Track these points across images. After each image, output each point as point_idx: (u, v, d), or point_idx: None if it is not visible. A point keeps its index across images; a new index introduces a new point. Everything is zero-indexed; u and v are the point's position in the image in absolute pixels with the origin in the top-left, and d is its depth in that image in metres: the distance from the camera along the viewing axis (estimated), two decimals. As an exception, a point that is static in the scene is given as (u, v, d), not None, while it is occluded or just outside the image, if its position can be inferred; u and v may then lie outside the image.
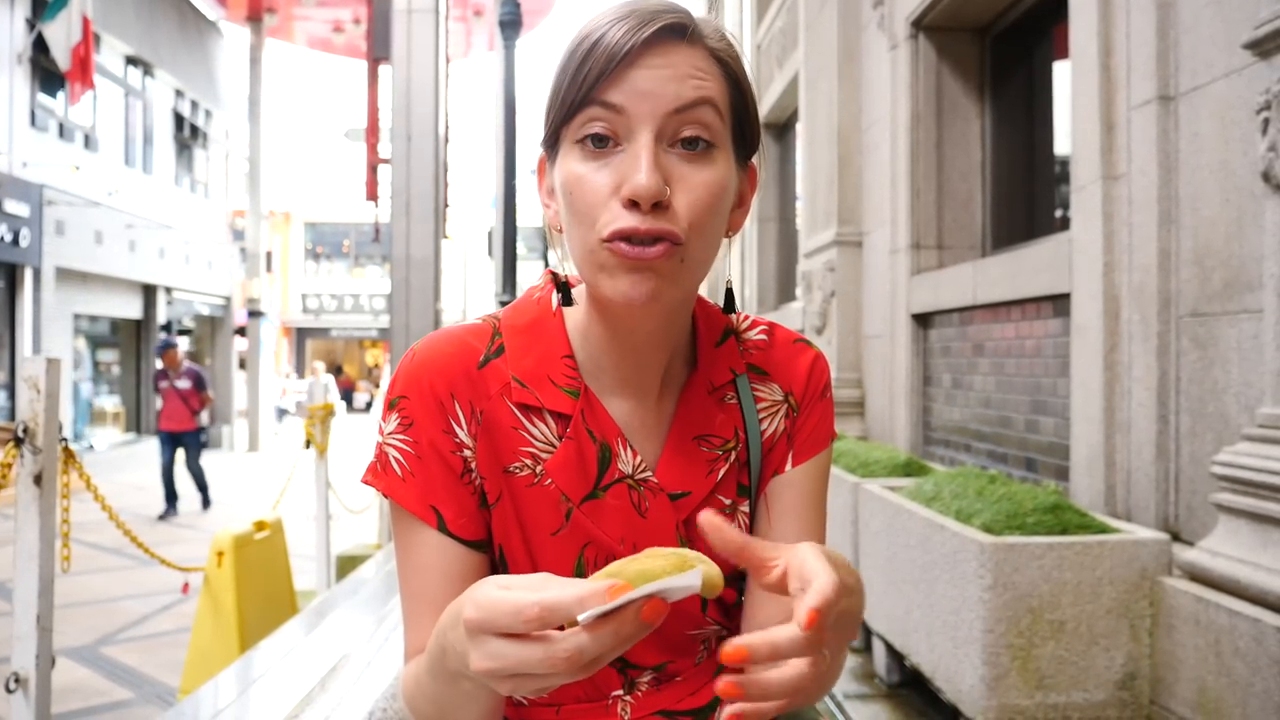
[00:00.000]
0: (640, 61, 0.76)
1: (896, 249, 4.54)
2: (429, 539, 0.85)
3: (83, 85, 11.24)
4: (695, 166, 0.78)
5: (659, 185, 0.75)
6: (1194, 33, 2.42)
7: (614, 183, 0.77)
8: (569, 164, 0.79)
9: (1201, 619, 2.12)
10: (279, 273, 29.62)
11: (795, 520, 0.94)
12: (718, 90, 0.80)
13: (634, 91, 0.76)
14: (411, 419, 0.86)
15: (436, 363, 0.87)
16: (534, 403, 0.87)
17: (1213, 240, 2.34)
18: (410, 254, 7.15)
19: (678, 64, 0.77)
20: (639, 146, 0.76)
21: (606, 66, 0.76)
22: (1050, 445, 3.24)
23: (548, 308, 0.92)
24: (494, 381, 0.87)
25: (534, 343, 0.89)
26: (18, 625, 2.24)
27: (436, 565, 0.85)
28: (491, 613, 0.58)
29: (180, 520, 8.97)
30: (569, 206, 0.80)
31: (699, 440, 0.91)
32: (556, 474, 0.87)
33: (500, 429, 0.87)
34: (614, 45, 0.76)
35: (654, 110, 0.76)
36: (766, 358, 0.97)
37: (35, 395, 2.22)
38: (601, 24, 0.78)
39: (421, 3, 7.22)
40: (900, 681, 3.17)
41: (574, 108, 0.78)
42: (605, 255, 0.77)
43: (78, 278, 13.57)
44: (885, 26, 4.70)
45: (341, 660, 3.44)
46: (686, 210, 0.77)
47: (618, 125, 0.77)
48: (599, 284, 0.80)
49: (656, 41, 0.77)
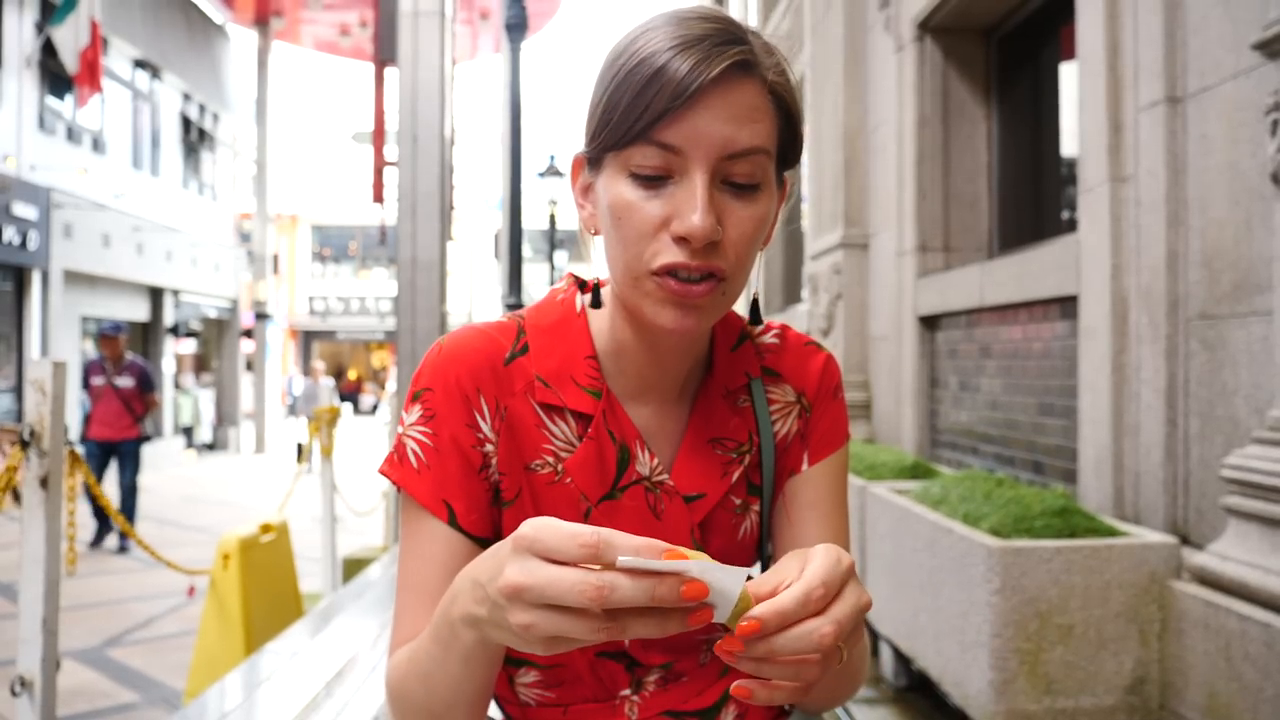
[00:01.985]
0: (702, 100, 0.75)
1: (903, 251, 4.53)
2: (436, 532, 0.85)
3: (91, 88, 11.28)
4: (743, 203, 0.78)
5: (713, 226, 0.75)
6: (1202, 34, 2.40)
7: (664, 215, 0.77)
8: (618, 188, 0.79)
9: (1211, 623, 2.10)
10: (286, 275, 29.69)
11: (816, 517, 0.95)
12: (770, 132, 0.79)
13: (692, 133, 0.75)
14: (434, 411, 0.86)
15: (464, 357, 0.87)
16: (556, 402, 0.88)
17: (1222, 242, 2.33)
18: (416, 256, 7.15)
19: (737, 103, 0.76)
20: (694, 185, 0.76)
21: (669, 105, 0.74)
22: (1058, 448, 3.22)
23: (571, 309, 0.93)
24: (519, 379, 0.89)
25: (558, 343, 0.90)
26: (23, 628, 2.24)
27: (440, 559, 0.84)
28: (548, 531, 0.57)
29: (186, 522, 8.96)
30: (616, 230, 0.79)
31: (714, 443, 0.93)
32: (576, 473, 0.88)
33: (523, 426, 0.88)
34: (679, 83, 0.74)
35: (709, 154, 0.76)
36: (779, 360, 0.98)
37: (41, 398, 2.22)
38: (663, 48, 0.75)
39: (428, 5, 7.22)
40: (907, 685, 3.16)
41: (629, 139, 0.77)
42: (652, 286, 0.78)
43: (85, 280, 13.62)
44: (891, 28, 4.69)
45: (348, 664, 3.44)
46: (733, 247, 0.78)
47: (673, 163, 0.76)
48: (642, 309, 0.81)
49: (721, 79, 0.75)
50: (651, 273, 0.78)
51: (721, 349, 0.95)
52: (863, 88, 5.25)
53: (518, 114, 7.59)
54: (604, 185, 0.81)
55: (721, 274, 0.78)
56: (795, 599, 0.58)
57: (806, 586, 0.59)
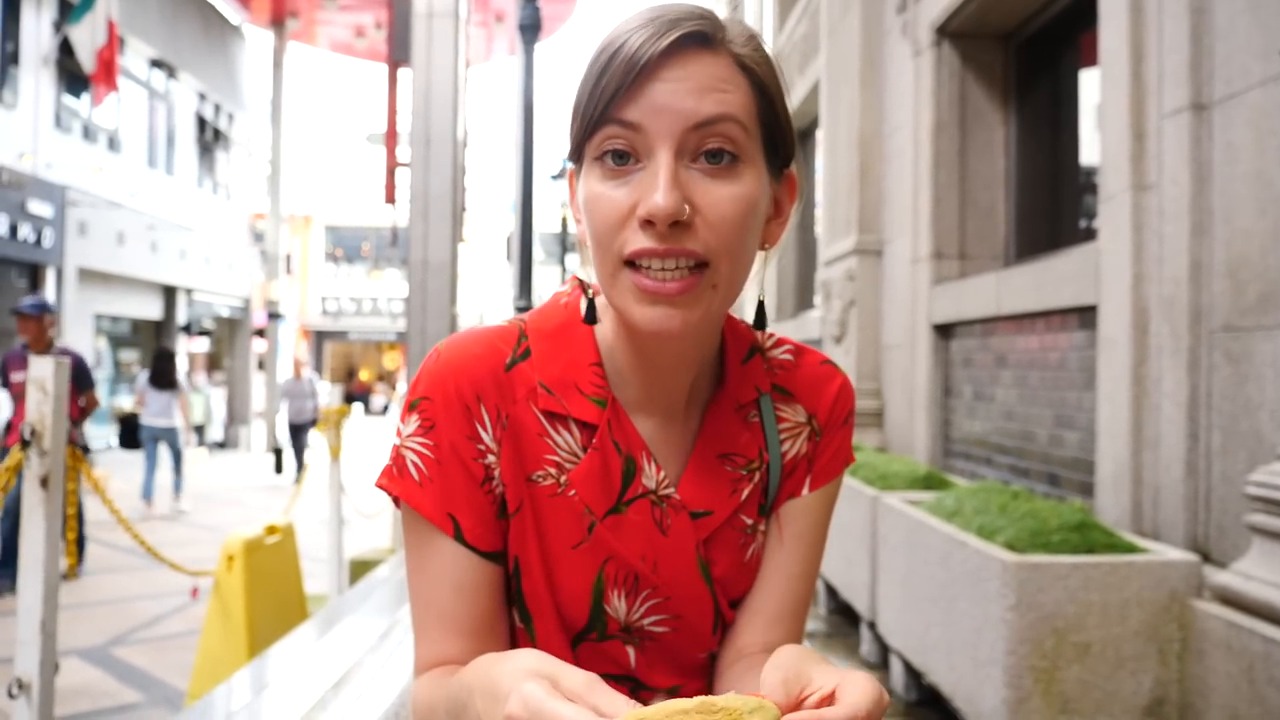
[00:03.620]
0: (658, 74, 0.72)
1: (918, 258, 4.48)
2: (443, 548, 0.81)
3: (107, 87, 11.34)
4: (719, 182, 0.74)
5: (676, 204, 0.71)
6: (1229, 40, 2.35)
7: (632, 202, 0.74)
8: (590, 182, 0.77)
9: (1234, 644, 2.04)
10: (298, 275, 29.77)
11: (803, 547, 0.92)
12: (741, 102, 0.75)
13: (651, 107, 0.72)
14: (433, 422, 0.82)
15: (463, 364, 0.83)
16: (560, 410, 0.84)
17: (1248, 252, 2.27)
18: (428, 258, 7.14)
19: (698, 75, 0.73)
20: (657, 164, 0.73)
21: (623, 81, 0.72)
22: (1075, 460, 3.17)
23: (576, 314, 0.88)
24: (520, 385, 0.85)
25: (561, 349, 0.86)
26: (21, 630, 2.21)
27: (449, 575, 0.81)
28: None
29: (195, 521, 8.95)
30: (590, 226, 0.77)
31: (723, 459, 0.89)
32: (580, 485, 0.84)
33: (526, 435, 0.84)
34: (630, 58, 0.72)
35: (671, 127, 0.72)
36: (791, 378, 0.93)
37: (43, 397, 2.19)
38: (623, 32, 0.74)
39: (442, 7, 7.21)
40: (918, 700, 3.11)
41: (593, 124, 0.75)
42: (628, 282, 0.75)
43: (99, 278, 13.67)
44: (908, 33, 4.64)
45: (353, 667, 3.40)
46: (711, 229, 0.74)
47: (636, 142, 0.74)
48: (626, 309, 0.77)
49: (676, 51, 0.73)
50: (624, 262, 0.74)
51: (733, 361, 0.91)
52: (879, 92, 5.20)
53: (531, 117, 7.56)
54: (582, 185, 0.78)
55: (695, 256, 0.73)
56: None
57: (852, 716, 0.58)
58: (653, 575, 0.85)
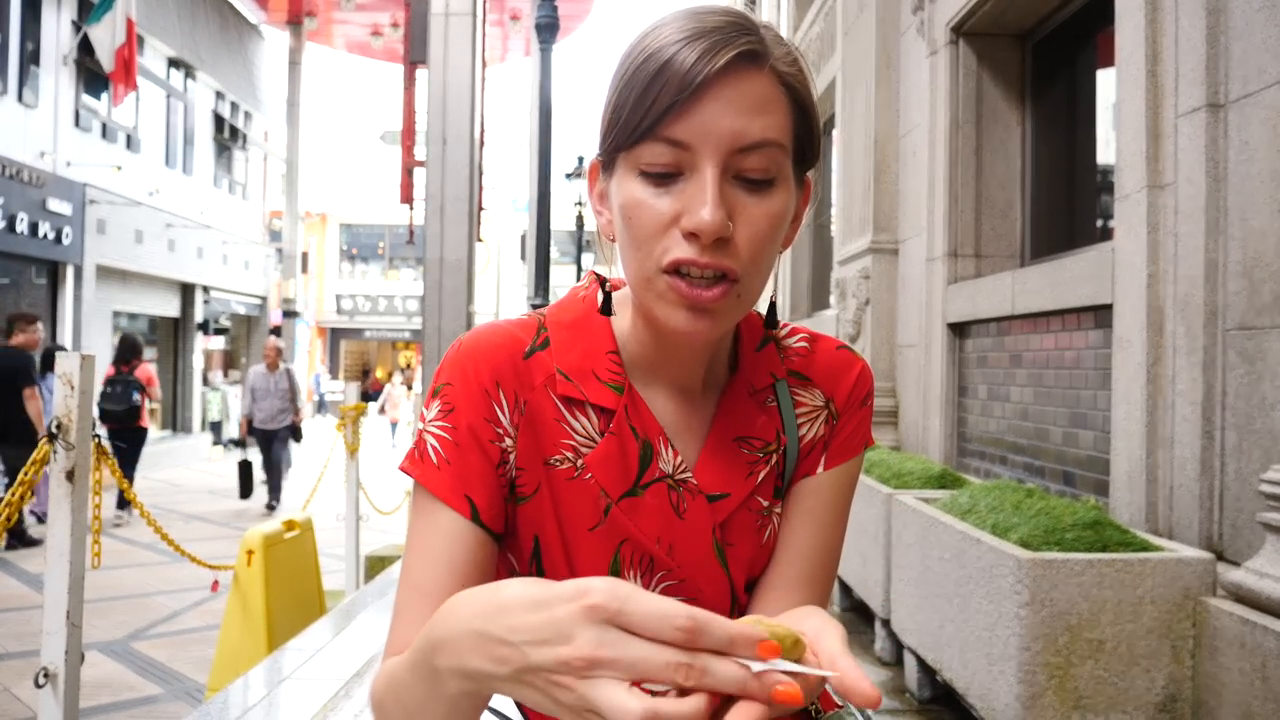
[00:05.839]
0: (709, 92, 0.73)
1: (933, 257, 4.48)
2: (451, 528, 0.82)
3: (126, 86, 11.42)
4: (757, 199, 0.77)
5: (723, 221, 0.74)
6: (1245, 39, 2.35)
7: (674, 211, 0.76)
8: (628, 187, 0.78)
9: (1247, 642, 2.05)
10: (314, 273, 29.94)
11: (815, 525, 0.93)
12: (783, 125, 0.77)
13: (700, 127, 0.74)
14: (453, 405, 0.85)
15: (483, 351, 0.86)
16: (577, 396, 0.87)
17: (1263, 252, 2.27)
18: (444, 257, 7.18)
19: (746, 95, 0.75)
20: (704, 179, 0.74)
21: (675, 99, 0.73)
22: (1089, 459, 3.17)
23: (593, 306, 0.91)
24: (538, 373, 0.87)
25: (579, 338, 0.89)
26: (48, 621, 2.25)
27: (449, 555, 0.81)
28: (635, 605, 0.52)
29: (212, 517, 9.03)
30: (627, 230, 0.79)
31: (739, 442, 0.91)
32: (597, 469, 0.86)
33: (543, 420, 0.86)
34: (684, 75, 0.73)
35: (719, 146, 0.74)
36: (808, 363, 0.96)
37: (70, 392, 2.23)
38: (670, 42, 0.74)
39: (459, 7, 7.26)
40: (932, 697, 3.11)
41: (637, 136, 0.76)
42: (663, 286, 0.77)
43: (118, 276, 13.79)
44: (924, 32, 4.64)
45: (369, 662, 3.44)
46: (747, 244, 0.76)
47: (682, 159, 0.75)
48: (654, 310, 0.80)
49: (728, 70, 0.74)
50: (662, 270, 0.77)
51: (747, 348, 0.94)
52: (895, 92, 5.20)
53: (547, 116, 7.59)
54: (616, 187, 0.80)
55: (733, 274, 0.76)
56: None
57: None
58: (668, 558, 0.87)
